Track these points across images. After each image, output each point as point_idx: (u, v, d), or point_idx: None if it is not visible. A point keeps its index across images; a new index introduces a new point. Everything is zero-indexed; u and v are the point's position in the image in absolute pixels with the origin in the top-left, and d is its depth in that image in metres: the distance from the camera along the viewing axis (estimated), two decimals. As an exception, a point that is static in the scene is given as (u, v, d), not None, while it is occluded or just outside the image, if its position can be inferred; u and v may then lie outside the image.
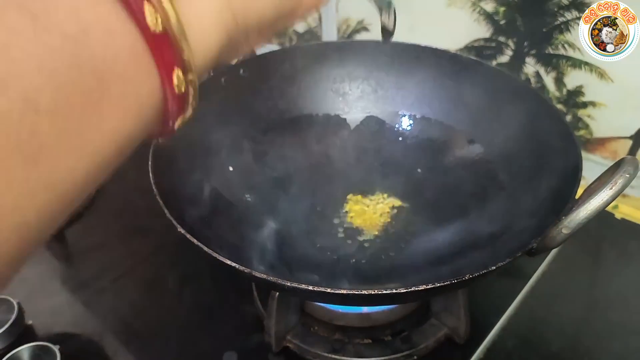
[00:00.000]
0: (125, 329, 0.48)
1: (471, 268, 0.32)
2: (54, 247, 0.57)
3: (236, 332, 0.47)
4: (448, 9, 0.63)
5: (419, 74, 0.55)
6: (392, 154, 0.55)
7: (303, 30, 0.82)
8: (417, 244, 0.48)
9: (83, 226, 0.59)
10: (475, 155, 0.50)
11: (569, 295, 0.50)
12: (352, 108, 0.57)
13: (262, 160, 0.53)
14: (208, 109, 0.50)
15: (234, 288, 0.50)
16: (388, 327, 0.45)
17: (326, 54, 0.56)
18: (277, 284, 0.32)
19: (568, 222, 0.30)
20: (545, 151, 0.43)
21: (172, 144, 0.44)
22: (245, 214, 0.47)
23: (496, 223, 0.43)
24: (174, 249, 0.56)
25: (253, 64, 0.53)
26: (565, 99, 0.59)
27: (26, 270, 0.56)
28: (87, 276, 0.53)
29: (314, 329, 0.45)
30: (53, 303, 0.51)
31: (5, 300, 0.46)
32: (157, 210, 0.61)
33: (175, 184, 0.42)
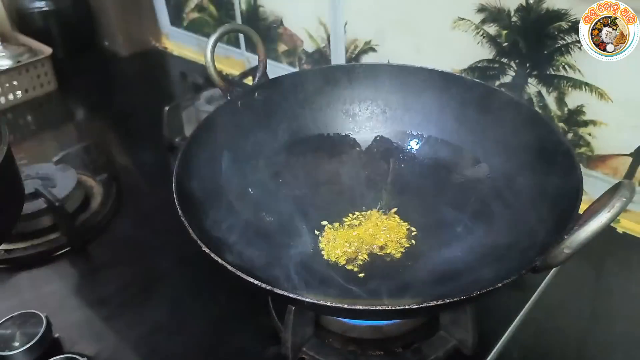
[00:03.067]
0: (145, 343, 0.50)
1: (478, 285, 0.34)
2: (78, 262, 0.59)
3: (253, 345, 0.49)
4: (452, 31, 0.66)
5: (425, 95, 0.57)
6: (400, 173, 0.57)
7: (312, 50, 0.85)
8: (425, 260, 0.50)
9: (105, 242, 0.62)
10: (481, 174, 0.52)
11: (573, 307, 0.52)
12: (361, 128, 0.59)
13: (276, 179, 0.55)
14: (227, 131, 0.53)
15: (251, 302, 0.52)
16: (399, 339, 0.47)
17: (336, 77, 0.59)
18: (296, 300, 0.35)
19: (570, 243, 0.32)
20: (548, 171, 0.45)
21: (194, 164, 0.47)
22: (261, 231, 0.50)
23: (501, 241, 0.45)
24: (191, 265, 0.58)
25: (267, 87, 0.56)
26: (566, 117, 0.61)
27: (52, 285, 0.58)
28: (109, 291, 0.56)
29: (328, 341, 0.47)
30: (77, 317, 0.53)
31: (34, 314, 0.49)
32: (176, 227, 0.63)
33: (196, 203, 0.44)
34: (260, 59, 0.56)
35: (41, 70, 0.93)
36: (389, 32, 0.73)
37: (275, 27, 0.88)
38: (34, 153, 0.82)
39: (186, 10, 1.04)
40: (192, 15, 1.03)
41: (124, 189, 0.70)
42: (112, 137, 0.86)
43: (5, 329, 0.47)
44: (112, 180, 0.69)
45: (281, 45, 0.89)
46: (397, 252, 0.51)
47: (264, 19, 0.89)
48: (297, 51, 0.87)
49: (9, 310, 0.50)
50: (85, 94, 0.99)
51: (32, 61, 0.91)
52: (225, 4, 0.95)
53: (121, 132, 0.88)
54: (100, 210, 0.64)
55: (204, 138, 0.49)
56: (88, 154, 0.68)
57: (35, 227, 0.60)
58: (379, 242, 0.51)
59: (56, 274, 0.58)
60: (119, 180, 0.70)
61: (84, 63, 1.08)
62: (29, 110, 0.92)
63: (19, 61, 0.91)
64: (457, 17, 0.64)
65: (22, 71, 0.91)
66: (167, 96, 0.97)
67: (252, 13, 0.90)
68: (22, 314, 0.49)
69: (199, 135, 0.49)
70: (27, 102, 0.93)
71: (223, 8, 0.96)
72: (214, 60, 0.52)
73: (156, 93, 0.98)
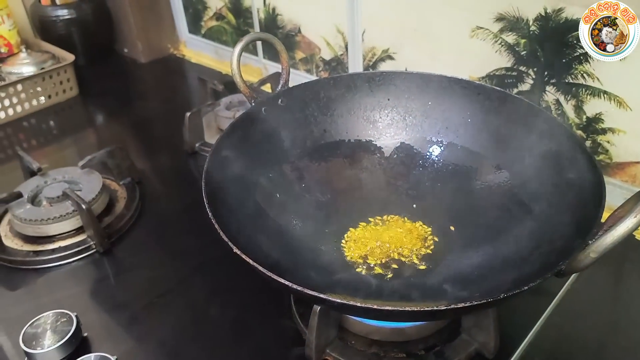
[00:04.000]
0: (168, 344, 0.51)
1: (499, 288, 0.35)
2: (103, 264, 0.60)
3: (277, 347, 0.50)
4: (471, 40, 0.67)
5: (445, 103, 0.58)
6: (421, 179, 0.58)
7: (329, 58, 0.86)
8: (447, 264, 0.51)
9: (129, 244, 0.63)
10: (502, 180, 0.53)
11: (593, 313, 0.52)
12: (382, 134, 0.60)
13: (299, 183, 0.56)
14: (252, 136, 0.54)
15: (274, 304, 0.53)
16: (421, 342, 0.48)
17: (357, 84, 0.60)
18: (326, 300, 0.36)
19: (596, 247, 0.33)
20: (569, 178, 0.46)
21: (223, 167, 0.48)
22: (286, 234, 0.51)
23: (523, 246, 0.46)
24: (215, 266, 0.59)
25: (290, 94, 0.57)
26: (584, 125, 0.62)
27: (79, 286, 0.60)
28: (133, 292, 0.57)
29: (351, 342, 0.48)
30: (103, 317, 0.54)
31: (65, 313, 0.50)
32: (197, 230, 0.65)
33: (225, 206, 0.46)
34: (284, 66, 0.57)
35: (64, 77, 0.95)
36: (406, 40, 0.75)
37: (293, 35, 0.90)
38: (57, 157, 0.84)
39: (205, 18, 1.06)
40: (210, 23, 1.05)
41: (146, 192, 0.71)
42: (133, 141, 0.88)
43: (37, 327, 0.49)
44: (136, 184, 0.70)
45: (299, 53, 0.91)
46: (418, 256, 0.51)
47: (282, 27, 0.91)
48: (314, 59, 0.89)
49: (39, 309, 0.51)
50: (105, 100, 1.01)
51: (55, 68, 0.94)
52: (243, 12, 0.96)
53: (141, 137, 0.90)
54: (124, 213, 0.66)
55: (231, 143, 0.51)
56: (112, 159, 0.69)
57: (63, 230, 0.62)
58: (401, 246, 0.52)
59: (83, 275, 0.60)
60: (141, 184, 0.72)
61: (104, 70, 1.10)
62: (52, 116, 0.94)
63: (43, 68, 0.94)
64: (475, 25, 0.66)
65: (46, 77, 0.93)
66: (185, 102, 0.99)
67: (270, 21, 0.92)
68: (53, 313, 0.50)
69: (225, 140, 0.50)
70: (50, 107, 0.95)
71: (241, 16, 0.97)
72: (239, 67, 0.53)
73: (174, 99, 1.00)
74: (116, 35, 1.13)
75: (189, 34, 1.12)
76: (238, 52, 0.52)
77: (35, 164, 0.68)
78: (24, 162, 0.69)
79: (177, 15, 1.11)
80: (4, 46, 0.97)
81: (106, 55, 1.14)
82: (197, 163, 0.78)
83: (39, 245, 0.61)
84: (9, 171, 0.78)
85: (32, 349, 0.47)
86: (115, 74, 1.10)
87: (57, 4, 1.04)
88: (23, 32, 1.05)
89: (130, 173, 0.71)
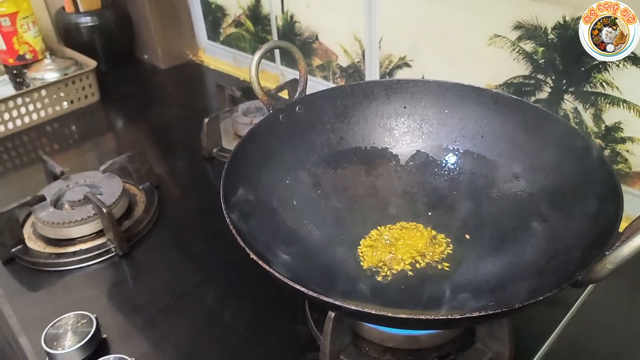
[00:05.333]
0: (184, 347, 0.52)
1: (515, 298, 0.35)
2: (122, 266, 0.62)
3: (291, 351, 0.51)
4: (488, 48, 0.67)
5: (462, 111, 0.58)
6: (437, 186, 0.58)
7: (346, 65, 0.87)
8: (462, 273, 0.50)
9: (147, 247, 0.64)
10: (518, 189, 0.53)
11: (610, 325, 0.52)
12: (398, 142, 0.61)
13: (316, 190, 0.57)
14: (270, 143, 0.55)
15: (288, 309, 0.54)
16: (435, 350, 0.48)
17: (374, 92, 0.60)
18: (341, 307, 0.36)
19: (613, 258, 0.33)
20: (587, 188, 0.45)
21: (241, 173, 0.49)
22: (303, 239, 0.51)
23: (539, 255, 0.46)
24: (230, 271, 0.60)
25: (308, 101, 0.58)
26: (603, 134, 0.61)
27: (98, 288, 0.61)
28: (151, 295, 0.58)
29: (364, 349, 0.48)
30: (121, 319, 0.55)
31: (85, 315, 0.51)
32: (214, 235, 0.66)
33: (242, 211, 0.46)
34: (301, 74, 0.58)
35: (86, 82, 0.98)
36: (423, 48, 0.75)
37: (310, 42, 0.91)
38: (78, 161, 0.86)
39: (223, 25, 1.07)
40: (229, 30, 1.07)
41: (164, 197, 0.72)
42: (152, 146, 0.90)
43: (58, 328, 0.50)
44: (154, 189, 0.72)
45: (316, 60, 0.92)
46: (434, 264, 0.51)
47: (300, 34, 0.92)
48: (331, 65, 0.89)
49: (60, 310, 0.52)
50: (125, 105, 1.03)
51: (78, 74, 0.96)
52: (262, 19, 0.98)
53: (160, 141, 0.91)
54: (143, 217, 0.67)
55: (249, 149, 0.52)
56: (132, 163, 0.71)
57: (84, 233, 0.63)
58: (416, 254, 0.52)
59: (102, 278, 0.61)
60: (160, 189, 0.73)
61: (125, 75, 1.12)
62: (74, 120, 0.96)
63: (66, 74, 0.96)
64: (493, 34, 0.66)
65: (69, 83, 0.95)
66: (203, 108, 1.01)
67: (288, 28, 0.93)
68: (74, 314, 0.51)
69: (244, 146, 0.51)
70: (72, 112, 0.97)
71: (260, 23, 0.99)
72: (258, 75, 0.54)
73: (193, 105, 1.02)
74: (137, 41, 1.16)
75: (208, 41, 1.14)
76: (257, 60, 0.53)
77: (58, 168, 0.69)
78: (47, 166, 0.71)
79: (196, 22, 1.13)
80: (29, 52, 1.00)
81: (127, 61, 1.16)
82: (214, 168, 0.79)
83: (61, 247, 0.63)
84: (33, 174, 0.80)
85: (54, 349, 0.48)
86: (135, 79, 1.12)
87: (81, 12, 1.07)
88: (47, 38, 1.08)
89: (149, 178, 0.72)
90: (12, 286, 0.60)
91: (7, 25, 0.96)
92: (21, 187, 0.79)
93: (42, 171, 0.74)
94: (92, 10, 1.07)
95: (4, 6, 0.94)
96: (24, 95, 0.91)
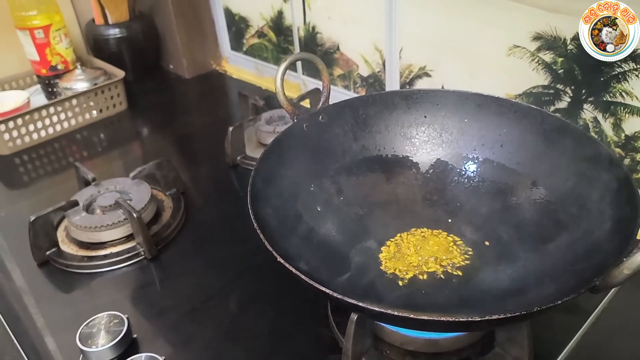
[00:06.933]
0: (210, 348, 0.53)
1: (535, 303, 0.36)
2: (150, 270, 0.64)
3: (313, 353, 0.52)
4: (507, 58, 0.68)
5: (481, 120, 0.60)
6: (456, 194, 0.59)
7: (367, 74, 0.89)
8: (482, 279, 0.52)
9: (174, 252, 0.67)
10: (538, 197, 0.54)
11: (629, 331, 0.52)
12: (418, 150, 0.62)
13: (338, 197, 0.58)
14: (295, 151, 0.57)
15: (311, 312, 0.55)
16: (454, 354, 0.49)
17: (395, 102, 0.62)
18: (365, 308, 0.37)
19: (630, 264, 0.34)
20: (605, 196, 0.46)
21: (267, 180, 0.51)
22: (326, 245, 0.53)
23: (558, 262, 0.46)
24: (254, 275, 0.62)
25: (331, 111, 0.60)
26: (623, 143, 0.62)
27: (128, 290, 0.64)
28: (178, 298, 0.60)
29: (385, 352, 0.49)
30: (150, 320, 0.57)
31: (116, 315, 0.53)
32: (239, 239, 0.67)
33: (267, 216, 0.48)
34: (325, 84, 0.60)
35: (114, 92, 1.01)
36: (443, 58, 0.76)
37: (331, 53, 0.93)
38: (106, 168, 0.89)
39: (247, 36, 1.10)
40: (252, 40, 1.10)
41: (190, 203, 0.75)
42: (177, 154, 0.92)
43: (92, 327, 0.52)
44: (181, 195, 0.74)
45: (337, 70, 0.94)
46: (453, 270, 0.53)
47: (321, 44, 0.94)
48: (352, 75, 0.91)
49: (92, 311, 0.54)
50: (152, 114, 1.06)
51: (106, 84, 1.00)
52: (284, 30, 1.00)
53: (185, 149, 0.94)
54: (170, 222, 0.69)
55: (274, 157, 0.54)
56: (160, 170, 0.73)
57: (115, 237, 0.66)
58: (436, 260, 0.53)
59: (132, 280, 0.63)
60: (186, 195, 0.76)
61: (151, 85, 1.16)
62: (102, 129, 1.00)
63: (95, 84, 1.00)
64: (512, 44, 0.67)
65: (98, 93, 0.99)
66: (226, 116, 1.04)
67: (310, 39, 0.95)
68: (107, 314, 0.53)
69: (270, 154, 0.53)
70: (101, 121, 1.01)
71: (282, 34, 1.01)
72: (283, 86, 0.56)
73: (216, 113, 1.05)
74: (162, 52, 1.19)
75: (231, 51, 1.17)
76: (282, 71, 0.55)
77: (90, 174, 0.72)
78: (79, 172, 0.74)
79: (220, 33, 1.16)
80: (60, 63, 1.04)
81: (153, 71, 1.20)
82: (238, 175, 0.81)
83: (92, 250, 0.66)
84: (65, 180, 0.83)
85: (88, 347, 0.50)
86: (161, 89, 1.15)
87: (110, 24, 1.11)
88: (78, 50, 1.12)
89: (175, 184, 0.75)
90: (47, 287, 0.63)
91: (41, 37, 1.00)
92: (54, 192, 0.82)
93: (74, 177, 0.77)
94: (121, 22, 1.11)
95: (38, 19, 0.99)
96: (55, 105, 0.94)
